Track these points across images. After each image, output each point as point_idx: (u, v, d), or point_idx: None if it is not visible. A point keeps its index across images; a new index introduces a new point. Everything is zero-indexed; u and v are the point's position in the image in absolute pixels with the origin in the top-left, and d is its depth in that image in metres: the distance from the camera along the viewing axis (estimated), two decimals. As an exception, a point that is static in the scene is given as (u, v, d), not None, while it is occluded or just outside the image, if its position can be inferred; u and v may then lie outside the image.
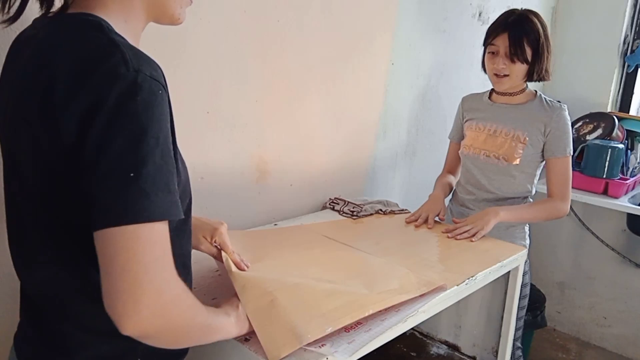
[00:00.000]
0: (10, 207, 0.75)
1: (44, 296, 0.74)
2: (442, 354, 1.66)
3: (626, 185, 2.29)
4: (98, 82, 0.58)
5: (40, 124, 0.61)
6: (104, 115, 0.57)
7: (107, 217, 0.58)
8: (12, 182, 0.73)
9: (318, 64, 1.62)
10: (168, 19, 0.75)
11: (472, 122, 1.72)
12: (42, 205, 0.66)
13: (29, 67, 0.65)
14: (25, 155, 0.66)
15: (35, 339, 0.77)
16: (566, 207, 1.60)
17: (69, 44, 0.62)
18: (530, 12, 1.56)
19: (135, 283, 0.58)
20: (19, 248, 0.76)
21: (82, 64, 0.60)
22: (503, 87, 1.61)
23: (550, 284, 2.77)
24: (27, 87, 0.64)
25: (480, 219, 1.50)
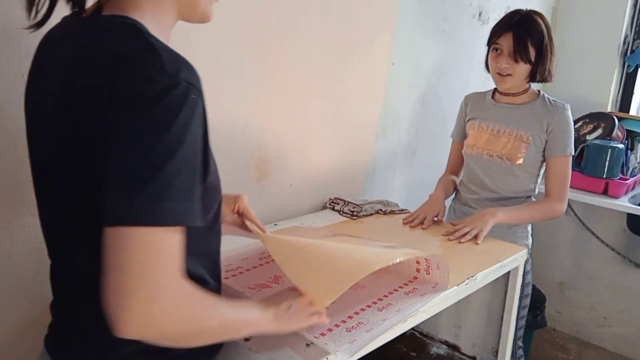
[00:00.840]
0: (44, 202, 0.75)
1: (79, 293, 0.74)
2: (442, 354, 1.66)
3: (626, 185, 2.29)
4: (132, 84, 0.59)
5: (78, 122, 0.62)
6: (132, 115, 0.58)
7: (117, 215, 0.57)
8: (47, 178, 0.73)
9: (318, 64, 1.62)
10: (198, 17, 0.75)
11: (474, 122, 1.72)
12: (79, 200, 0.66)
13: (69, 69, 0.65)
14: (62, 152, 0.66)
15: (71, 338, 0.77)
16: (563, 207, 1.60)
17: (109, 47, 0.63)
18: (534, 12, 1.56)
19: (129, 286, 0.57)
20: (55, 244, 0.77)
21: (119, 66, 0.60)
22: (506, 86, 1.61)
23: (551, 284, 2.77)
24: (69, 90, 0.64)
25: (479, 220, 1.50)
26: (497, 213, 1.52)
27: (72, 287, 0.77)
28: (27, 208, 1.07)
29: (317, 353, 0.91)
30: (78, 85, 0.63)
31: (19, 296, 1.10)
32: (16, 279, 1.09)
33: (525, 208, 1.61)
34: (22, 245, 1.08)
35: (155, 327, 0.60)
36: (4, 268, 1.07)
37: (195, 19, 0.76)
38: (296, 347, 0.92)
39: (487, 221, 1.49)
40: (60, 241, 0.75)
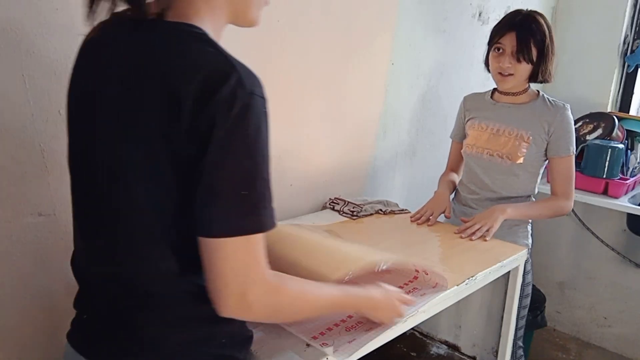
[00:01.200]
0: (85, 205, 0.77)
1: (129, 290, 0.75)
2: (442, 354, 1.66)
3: (626, 185, 2.29)
4: (218, 104, 0.62)
5: (158, 135, 0.65)
6: (222, 135, 0.62)
7: (219, 228, 0.65)
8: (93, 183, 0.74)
9: (318, 64, 1.62)
10: (248, 22, 0.78)
11: (474, 121, 1.72)
12: (146, 207, 0.70)
13: (134, 75, 0.67)
14: (128, 161, 0.69)
15: (110, 333, 0.77)
16: (570, 204, 1.62)
17: (187, 60, 0.65)
18: (536, 12, 1.56)
19: (231, 286, 0.67)
20: (101, 244, 0.76)
21: (204, 83, 0.62)
22: (507, 86, 1.61)
23: (551, 284, 2.77)
24: (140, 98, 0.66)
25: (489, 217, 1.52)
26: (506, 209, 1.54)
27: (121, 282, 0.76)
28: (27, 208, 1.07)
29: (317, 353, 0.91)
30: (161, 101, 0.64)
31: (19, 296, 1.10)
32: (16, 279, 1.09)
33: (534, 205, 1.63)
34: (22, 245, 1.08)
35: (247, 314, 0.71)
36: (4, 268, 1.07)
37: (245, 24, 0.79)
38: (296, 348, 0.92)
39: (497, 217, 1.51)
40: (116, 236, 0.75)
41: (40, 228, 1.10)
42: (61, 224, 1.13)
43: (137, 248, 0.73)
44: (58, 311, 1.16)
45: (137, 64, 0.68)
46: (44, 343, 1.16)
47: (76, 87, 0.77)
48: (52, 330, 1.16)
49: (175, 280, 0.72)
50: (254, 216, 0.66)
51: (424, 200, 1.69)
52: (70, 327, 0.84)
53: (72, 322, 0.85)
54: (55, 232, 1.12)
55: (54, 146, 1.08)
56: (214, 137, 0.62)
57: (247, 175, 0.65)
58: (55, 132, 1.08)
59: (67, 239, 1.14)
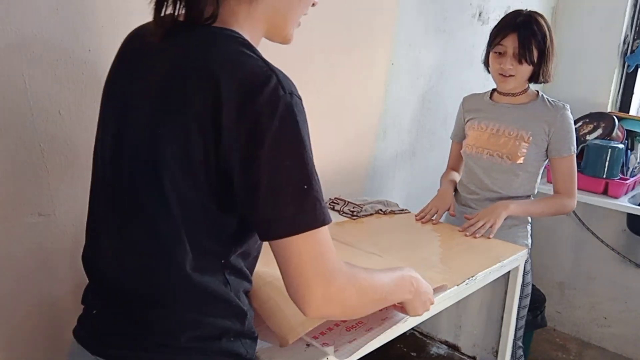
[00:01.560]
0: (109, 199, 0.78)
1: (146, 286, 0.76)
2: (442, 354, 1.66)
3: (626, 185, 2.29)
4: (261, 105, 0.64)
5: (200, 137, 0.66)
6: (271, 136, 0.64)
7: (289, 227, 0.66)
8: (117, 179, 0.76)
9: (318, 64, 1.62)
10: (282, 38, 0.83)
11: (474, 122, 1.72)
12: (174, 204, 0.70)
13: (176, 70, 0.69)
14: (161, 156, 0.69)
15: (122, 329, 0.78)
16: (573, 203, 1.63)
17: (231, 63, 0.67)
18: (536, 13, 1.56)
19: (311, 281, 0.68)
20: (124, 239, 0.77)
21: (246, 86, 0.65)
22: (507, 87, 1.61)
23: (551, 284, 2.77)
24: (181, 94, 0.68)
25: (492, 213, 1.53)
26: (509, 205, 1.55)
27: (146, 275, 0.77)
28: (27, 208, 1.07)
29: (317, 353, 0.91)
30: (204, 103, 0.65)
31: (18, 296, 1.10)
32: (16, 279, 1.09)
33: (537, 202, 1.63)
34: (22, 245, 1.08)
35: (336, 304, 0.72)
36: (4, 268, 1.07)
37: (278, 40, 0.82)
38: (296, 347, 0.92)
39: (500, 214, 1.52)
40: (142, 229, 0.75)
41: (40, 228, 1.10)
42: (61, 224, 1.13)
43: (160, 244, 0.73)
44: (58, 310, 1.16)
45: (181, 59, 0.70)
46: (45, 342, 1.16)
47: (115, 84, 0.80)
48: (53, 329, 1.16)
49: (193, 277, 0.73)
50: (316, 210, 0.68)
51: (424, 200, 1.69)
52: (77, 323, 0.84)
53: (79, 318, 0.85)
54: (55, 232, 1.12)
55: (54, 146, 1.08)
56: (263, 139, 0.64)
57: (303, 172, 0.67)
58: (55, 132, 1.08)
59: (67, 239, 1.14)
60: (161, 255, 0.74)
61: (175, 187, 0.70)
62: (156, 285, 0.76)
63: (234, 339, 0.79)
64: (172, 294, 0.75)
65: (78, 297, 0.87)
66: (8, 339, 1.10)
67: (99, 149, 0.81)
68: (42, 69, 1.03)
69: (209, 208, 0.71)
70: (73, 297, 1.16)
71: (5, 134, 1.02)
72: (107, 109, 0.81)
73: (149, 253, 0.75)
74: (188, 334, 0.76)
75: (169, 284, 0.75)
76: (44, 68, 1.04)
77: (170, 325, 0.76)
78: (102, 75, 1.12)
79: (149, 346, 0.76)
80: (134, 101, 0.75)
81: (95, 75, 1.12)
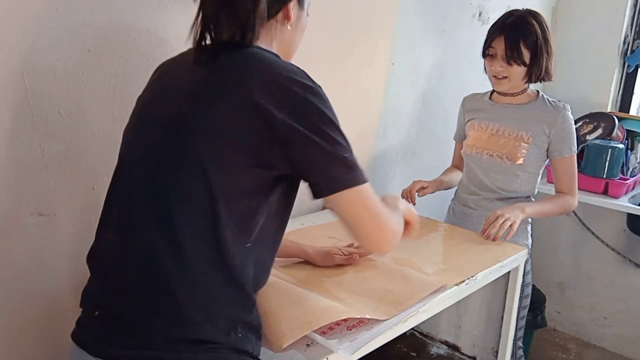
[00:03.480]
0: (118, 195, 0.84)
1: (159, 282, 0.77)
2: (442, 354, 1.66)
3: (626, 185, 2.29)
4: (297, 91, 0.78)
5: (257, 123, 0.76)
6: (314, 115, 0.80)
7: (341, 183, 0.81)
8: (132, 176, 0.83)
9: (318, 63, 1.62)
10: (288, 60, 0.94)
11: (474, 122, 1.72)
12: (199, 195, 0.77)
13: (214, 75, 0.80)
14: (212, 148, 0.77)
15: (127, 328, 0.78)
16: (576, 201, 1.64)
17: (270, 66, 0.80)
18: (529, 13, 1.55)
19: (377, 222, 0.86)
20: (145, 235, 0.80)
21: (284, 79, 0.78)
22: (502, 88, 1.61)
23: (551, 284, 2.77)
24: (220, 94, 0.78)
25: (510, 212, 1.49)
26: (525, 208, 1.53)
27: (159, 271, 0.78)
28: (27, 208, 1.07)
29: (317, 353, 0.91)
30: (230, 86, 0.77)
31: (18, 297, 1.10)
32: (16, 279, 1.09)
33: (546, 202, 1.62)
34: (21, 245, 1.08)
35: (397, 236, 0.92)
36: (4, 268, 1.07)
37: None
38: (297, 346, 0.92)
39: (518, 215, 1.50)
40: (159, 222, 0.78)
41: (40, 228, 1.10)
42: (61, 224, 1.13)
43: (182, 241, 0.77)
44: (58, 311, 1.16)
45: (223, 65, 0.81)
46: (44, 342, 1.16)
47: (156, 85, 0.90)
48: (52, 329, 1.16)
49: (207, 272, 0.77)
50: (359, 169, 0.83)
51: (424, 200, 1.69)
52: (76, 326, 0.84)
53: (78, 321, 0.85)
54: (55, 232, 1.12)
55: (54, 146, 1.08)
56: (309, 118, 0.78)
57: (343, 142, 0.83)
58: (55, 132, 1.08)
59: (67, 239, 1.14)
60: (183, 251, 0.76)
61: (208, 175, 0.76)
62: (170, 282, 0.76)
63: (241, 335, 0.80)
64: (185, 291, 0.76)
65: (78, 297, 0.87)
66: (7, 338, 1.10)
67: (127, 151, 0.87)
68: (42, 69, 1.03)
69: (244, 192, 0.78)
70: (73, 297, 1.15)
71: (5, 134, 1.02)
72: (141, 118, 0.89)
73: (174, 251, 0.77)
74: (198, 329, 0.76)
75: (183, 280, 0.76)
76: (44, 68, 1.04)
77: (181, 321, 0.76)
78: (102, 75, 1.13)
79: (158, 344, 0.76)
80: (172, 102, 0.82)
81: (95, 75, 1.12)
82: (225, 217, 0.77)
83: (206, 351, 0.77)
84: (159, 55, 1.21)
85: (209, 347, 0.77)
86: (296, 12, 0.93)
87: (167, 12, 1.20)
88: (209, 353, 0.77)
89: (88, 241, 0.90)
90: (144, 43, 1.18)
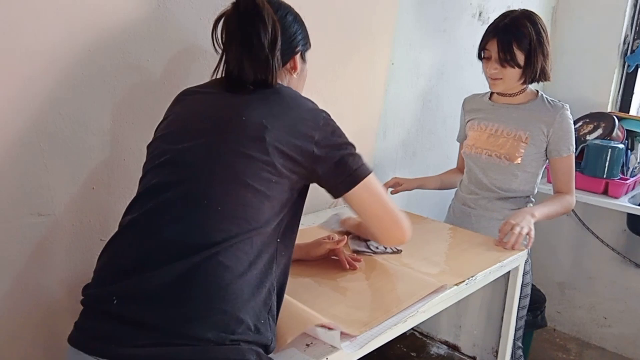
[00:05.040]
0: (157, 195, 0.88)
1: (178, 279, 0.81)
2: (442, 354, 1.66)
3: (626, 185, 2.29)
4: (324, 121, 0.97)
5: (301, 146, 0.92)
6: (335, 138, 0.97)
7: (357, 178, 0.96)
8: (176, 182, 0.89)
9: (318, 63, 1.62)
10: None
11: (474, 122, 1.72)
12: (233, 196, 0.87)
13: (279, 110, 0.94)
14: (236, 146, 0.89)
15: (136, 326, 0.79)
16: (574, 200, 1.65)
17: (298, 104, 0.98)
18: (523, 15, 1.54)
19: (390, 212, 1.01)
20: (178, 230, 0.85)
21: (314, 111, 0.98)
22: (498, 89, 1.62)
23: (551, 284, 2.77)
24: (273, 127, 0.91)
25: (522, 220, 1.45)
26: (534, 212, 1.51)
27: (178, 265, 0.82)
28: (27, 208, 1.07)
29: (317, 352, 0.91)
30: (289, 127, 0.92)
31: (18, 297, 1.10)
32: (16, 279, 1.09)
33: (550, 204, 1.61)
34: (22, 245, 1.08)
35: (409, 225, 1.04)
36: (4, 268, 1.07)
37: None
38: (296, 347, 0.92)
39: (530, 220, 1.47)
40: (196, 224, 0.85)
41: (40, 228, 1.10)
42: (61, 224, 1.13)
43: (208, 237, 0.83)
44: (58, 311, 1.16)
45: (265, 96, 0.96)
46: (44, 342, 1.16)
47: (186, 106, 1.01)
48: (52, 329, 1.16)
49: (238, 268, 0.83)
50: (363, 164, 0.97)
51: (424, 200, 1.69)
52: (75, 328, 0.84)
53: (77, 324, 0.85)
54: (55, 232, 1.12)
55: (54, 146, 1.08)
56: (327, 139, 0.95)
57: (351, 149, 0.98)
58: (55, 132, 1.08)
59: (67, 239, 1.14)
60: (204, 238, 0.82)
61: (244, 175, 0.87)
62: (193, 270, 0.80)
63: (251, 332, 0.82)
64: (206, 278, 0.80)
65: (77, 297, 0.87)
66: (7, 338, 1.10)
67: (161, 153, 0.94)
68: (42, 69, 1.03)
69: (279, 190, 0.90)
70: (72, 297, 1.15)
71: (6, 135, 1.02)
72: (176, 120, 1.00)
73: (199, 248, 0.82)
74: (218, 323, 0.79)
75: (204, 274, 0.81)
76: (44, 68, 1.04)
77: (203, 315, 0.79)
78: (101, 75, 1.13)
79: (170, 340, 0.77)
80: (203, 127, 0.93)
81: (95, 75, 1.12)
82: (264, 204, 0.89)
83: (231, 343, 0.79)
84: (159, 55, 1.21)
85: (232, 340, 0.79)
86: (300, 64, 1.09)
87: (168, 12, 1.20)
88: (231, 345, 0.79)
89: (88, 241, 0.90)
90: (144, 43, 1.18)
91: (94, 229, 1.18)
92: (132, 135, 1.20)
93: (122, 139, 1.19)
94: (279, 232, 0.91)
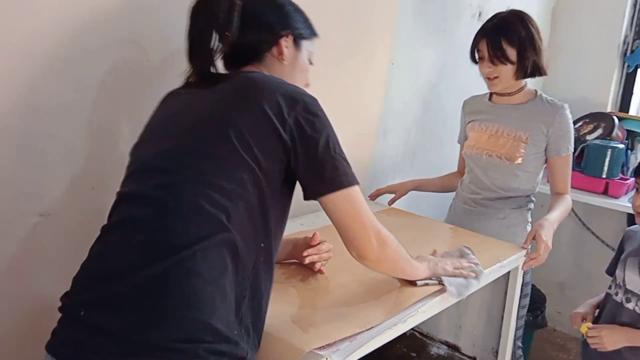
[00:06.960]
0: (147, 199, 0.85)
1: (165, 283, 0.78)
2: (442, 354, 1.66)
3: (626, 185, 2.29)
4: (303, 104, 0.89)
5: (272, 133, 0.86)
6: (315, 123, 0.88)
7: (337, 184, 0.88)
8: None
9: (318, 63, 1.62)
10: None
11: (474, 123, 1.73)
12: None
13: (244, 100, 0.88)
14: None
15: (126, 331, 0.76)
16: (571, 199, 1.67)
17: (279, 85, 0.91)
18: (511, 13, 1.57)
19: (364, 225, 0.91)
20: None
21: (291, 95, 0.89)
22: (496, 88, 1.63)
23: (551, 284, 2.77)
24: (253, 112, 0.87)
25: (546, 234, 1.47)
26: (553, 224, 1.53)
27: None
28: (27, 208, 1.07)
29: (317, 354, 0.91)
30: (267, 111, 0.86)
31: (18, 298, 1.10)
32: (16, 279, 1.09)
33: (559, 207, 1.61)
34: (22, 245, 1.08)
35: (385, 249, 0.94)
36: (4, 268, 1.07)
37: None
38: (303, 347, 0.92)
39: (551, 235, 1.49)
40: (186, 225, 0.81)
41: (40, 228, 1.10)
42: (61, 224, 1.13)
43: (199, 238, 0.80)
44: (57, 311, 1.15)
45: (233, 87, 0.92)
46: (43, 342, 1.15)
47: (169, 104, 1.00)
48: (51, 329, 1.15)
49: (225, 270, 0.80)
50: (350, 173, 0.90)
51: (424, 201, 1.69)
52: (54, 337, 0.84)
53: (55, 331, 0.84)
54: (55, 232, 1.12)
55: (53, 146, 1.08)
56: (309, 125, 0.87)
57: (336, 145, 0.90)
58: (55, 132, 1.08)
59: (67, 239, 1.14)
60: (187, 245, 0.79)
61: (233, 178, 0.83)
62: (174, 283, 0.77)
63: (238, 340, 0.80)
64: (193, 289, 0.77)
65: (78, 297, 0.87)
66: (6, 339, 1.10)
67: (143, 152, 0.94)
68: (42, 69, 1.03)
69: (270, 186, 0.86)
70: (73, 297, 1.15)
71: (5, 134, 1.02)
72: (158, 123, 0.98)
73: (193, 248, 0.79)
74: (187, 332, 0.75)
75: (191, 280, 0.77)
76: (45, 68, 1.04)
77: (170, 324, 0.75)
78: (101, 75, 1.13)
79: (156, 350, 0.74)
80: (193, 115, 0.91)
81: (95, 75, 1.12)
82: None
83: (202, 355, 0.75)
84: (159, 55, 1.21)
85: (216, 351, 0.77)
86: (291, 51, 1.04)
87: (167, 13, 1.20)
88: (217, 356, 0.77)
89: (88, 241, 0.90)
90: (144, 43, 1.18)
91: (94, 229, 1.18)
92: (132, 135, 1.20)
93: (122, 139, 1.19)
94: (260, 236, 0.86)
